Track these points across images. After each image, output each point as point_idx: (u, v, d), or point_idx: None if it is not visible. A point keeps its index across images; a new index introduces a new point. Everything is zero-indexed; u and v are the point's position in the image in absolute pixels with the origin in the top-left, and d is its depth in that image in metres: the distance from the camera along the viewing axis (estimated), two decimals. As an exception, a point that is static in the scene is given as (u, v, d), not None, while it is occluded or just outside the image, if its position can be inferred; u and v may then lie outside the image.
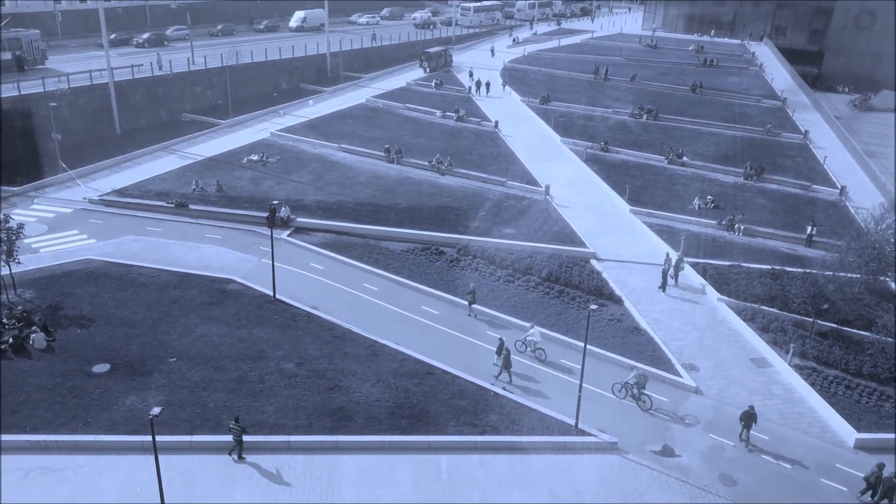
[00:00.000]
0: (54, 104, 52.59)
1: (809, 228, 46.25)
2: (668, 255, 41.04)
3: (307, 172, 54.31)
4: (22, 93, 55.28)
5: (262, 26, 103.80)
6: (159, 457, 21.31)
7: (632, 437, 28.57)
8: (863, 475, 26.47)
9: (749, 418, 28.42)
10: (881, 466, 26.00)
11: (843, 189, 54.96)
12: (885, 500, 25.68)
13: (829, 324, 35.95)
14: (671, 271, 39.90)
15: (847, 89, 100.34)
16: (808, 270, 38.08)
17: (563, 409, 29.29)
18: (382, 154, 57.99)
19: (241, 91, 72.94)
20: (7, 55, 64.79)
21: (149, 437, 21.07)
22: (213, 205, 47.29)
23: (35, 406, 28.20)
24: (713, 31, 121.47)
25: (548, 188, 52.11)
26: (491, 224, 46.51)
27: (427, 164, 56.36)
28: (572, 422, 28.59)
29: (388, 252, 42.46)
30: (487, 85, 78.52)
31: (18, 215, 43.27)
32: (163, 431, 25.18)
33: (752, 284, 39.39)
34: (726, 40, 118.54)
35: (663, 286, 39.50)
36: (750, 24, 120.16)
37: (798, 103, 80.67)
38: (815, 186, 56.19)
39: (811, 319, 35.76)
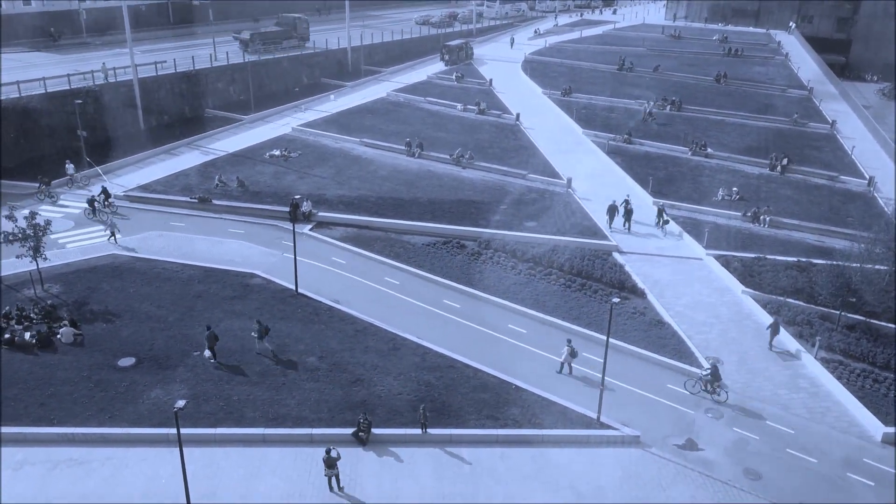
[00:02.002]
0: (80, 101, 53.19)
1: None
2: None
3: (329, 167, 54.49)
4: (48, 90, 55.97)
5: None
6: (184, 449, 21.55)
7: (655, 430, 28.39)
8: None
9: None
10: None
11: (871, 179, 54.05)
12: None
13: (856, 316, 35.44)
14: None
15: (876, 78, 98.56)
16: (834, 262, 37.51)
17: (585, 403, 29.17)
18: (404, 148, 58.00)
19: (263, 86, 73.28)
20: None
21: (174, 430, 21.33)
22: (235, 200, 47.63)
23: (62, 399, 28.66)
24: (742, 21, 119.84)
25: (569, 181, 51.81)
26: (512, 217, 46.37)
27: (448, 157, 56.28)
28: (594, 415, 28.47)
29: (410, 246, 42.50)
30: (629, 213, 45.61)
31: (45, 211, 43.88)
32: (187, 424, 25.42)
33: (777, 277, 38.93)
34: (751, 29, 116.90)
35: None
36: (776, 12, 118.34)
37: (825, 93, 79.41)
38: (842, 177, 55.32)
39: (838, 312, 35.27)
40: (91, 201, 43.74)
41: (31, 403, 28.36)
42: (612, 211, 45.71)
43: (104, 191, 44.46)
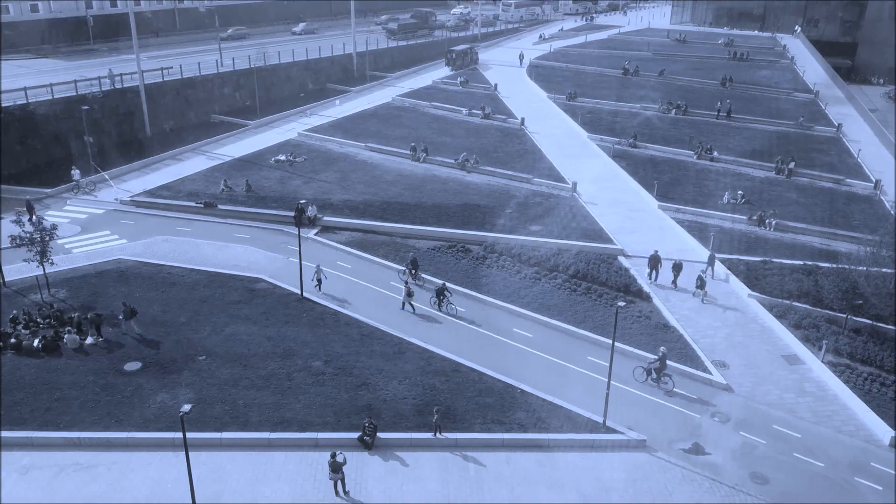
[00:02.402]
0: (86, 107, 53.46)
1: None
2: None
3: (334, 171, 54.61)
4: (55, 96, 56.28)
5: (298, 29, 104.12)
6: (190, 453, 21.59)
7: (661, 434, 28.29)
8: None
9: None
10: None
11: (877, 183, 53.85)
12: None
13: (863, 320, 35.26)
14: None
15: (882, 81, 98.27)
16: (841, 266, 37.38)
17: (590, 407, 29.10)
18: (408, 152, 58.09)
19: (269, 92, 73.60)
20: None
21: (179, 434, 21.35)
22: (241, 205, 47.77)
23: (69, 403, 28.73)
24: (747, 25, 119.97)
25: (575, 185, 51.79)
26: (517, 221, 46.35)
27: (453, 161, 56.34)
28: (600, 419, 28.40)
29: (415, 250, 42.49)
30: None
31: (52, 216, 44.09)
32: (193, 428, 25.41)
33: (783, 280, 38.80)
34: (756, 33, 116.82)
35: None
36: (781, 16, 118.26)
37: (831, 96, 79.23)
38: (848, 180, 55.14)
39: (845, 315, 35.11)
40: (440, 291, 36.50)
41: (38, 408, 28.45)
42: (654, 262, 39.23)
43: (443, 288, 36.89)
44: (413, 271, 38.94)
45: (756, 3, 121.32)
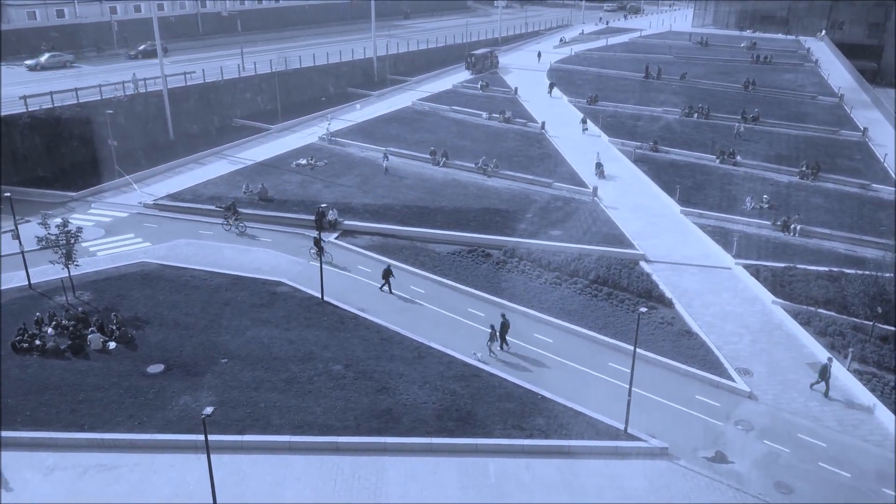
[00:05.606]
0: (111, 112, 54.08)
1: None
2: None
3: (354, 176, 54.78)
4: (80, 101, 57.00)
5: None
6: (211, 456, 21.72)
7: (683, 442, 28.00)
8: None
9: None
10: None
11: (904, 188, 53.10)
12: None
13: (889, 327, 34.72)
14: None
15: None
16: (867, 272, 36.84)
17: (612, 414, 28.89)
18: (428, 157, 58.12)
19: (290, 96, 74.00)
20: None
21: (201, 437, 21.46)
22: (263, 208, 48.02)
23: (93, 405, 29.01)
24: (771, 28, 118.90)
25: (595, 189, 51.54)
26: (538, 226, 46.21)
27: (473, 166, 56.29)
28: (621, 426, 28.19)
29: (435, 254, 42.51)
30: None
31: (77, 219, 44.61)
32: (215, 431, 25.52)
33: (808, 287, 38.34)
34: (780, 36, 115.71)
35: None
36: (805, 18, 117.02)
37: (856, 100, 78.19)
38: (874, 185, 54.40)
39: (871, 323, 34.59)
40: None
41: (63, 409, 28.76)
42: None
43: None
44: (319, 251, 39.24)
45: (780, 5, 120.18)
